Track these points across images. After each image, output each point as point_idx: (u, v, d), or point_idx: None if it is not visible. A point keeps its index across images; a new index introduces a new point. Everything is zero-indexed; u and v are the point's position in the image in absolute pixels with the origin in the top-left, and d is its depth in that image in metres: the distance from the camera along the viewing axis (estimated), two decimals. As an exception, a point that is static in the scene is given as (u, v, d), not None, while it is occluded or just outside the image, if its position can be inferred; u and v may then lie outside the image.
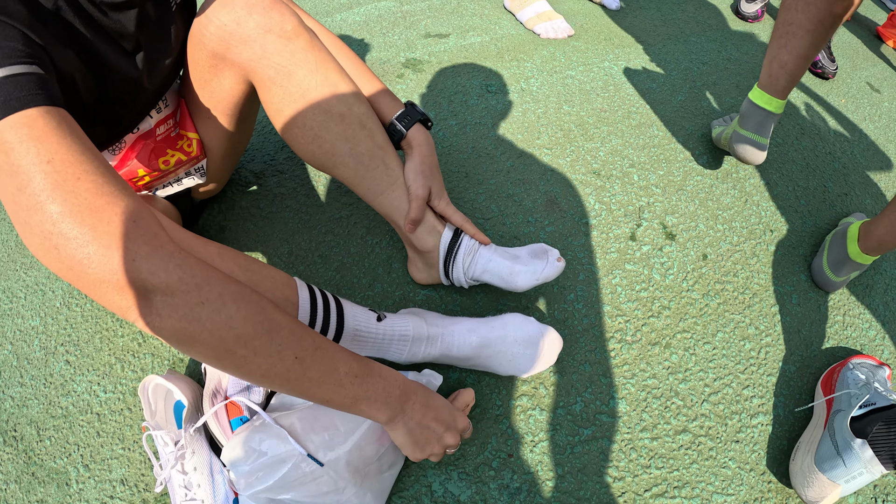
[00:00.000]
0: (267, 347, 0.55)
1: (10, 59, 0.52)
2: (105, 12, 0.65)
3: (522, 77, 1.46)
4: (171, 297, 0.51)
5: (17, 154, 0.50)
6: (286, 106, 0.78)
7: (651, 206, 1.12)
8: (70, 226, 0.50)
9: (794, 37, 0.94)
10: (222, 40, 0.74)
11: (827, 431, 0.78)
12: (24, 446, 0.96)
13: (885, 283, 1.10)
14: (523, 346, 0.79)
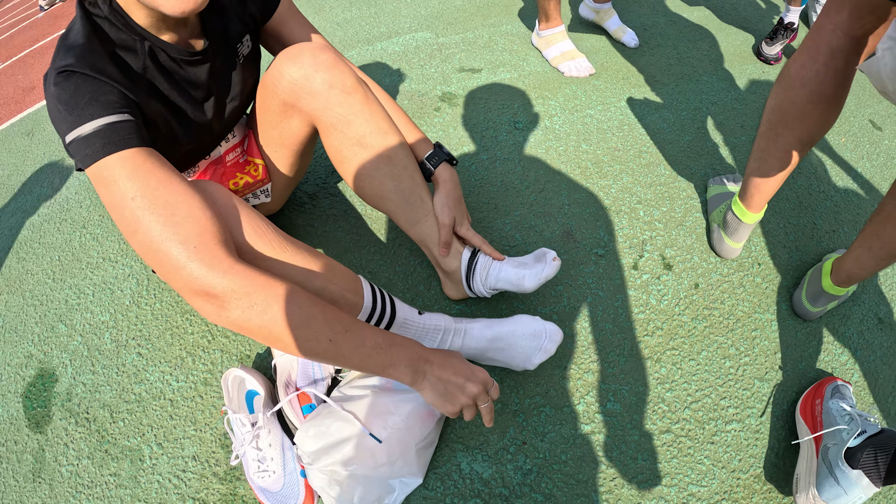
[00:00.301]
0: (305, 335, 0.74)
1: (109, 110, 0.72)
2: (182, 66, 0.86)
3: (547, 115, 1.65)
4: (228, 303, 0.72)
5: (121, 185, 0.71)
6: (345, 149, 0.99)
7: (653, 240, 1.31)
8: (163, 245, 0.71)
9: (765, 162, 1.09)
10: (293, 92, 0.95)
11: (824, 464, 0.92)
12: (97, 427, 1.17)
13: (861, 314, 1.26)
14: (529, 339, 0.97)
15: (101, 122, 0.71)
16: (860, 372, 1.18)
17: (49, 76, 0.74)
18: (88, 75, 0.73)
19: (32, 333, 1.42)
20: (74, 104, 0.71)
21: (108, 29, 0.79)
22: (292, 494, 0.92)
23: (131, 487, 1.05)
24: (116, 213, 0.73)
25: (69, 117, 0.71)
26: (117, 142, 0.72)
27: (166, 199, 0.72)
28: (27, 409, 1.25)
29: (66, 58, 0.73)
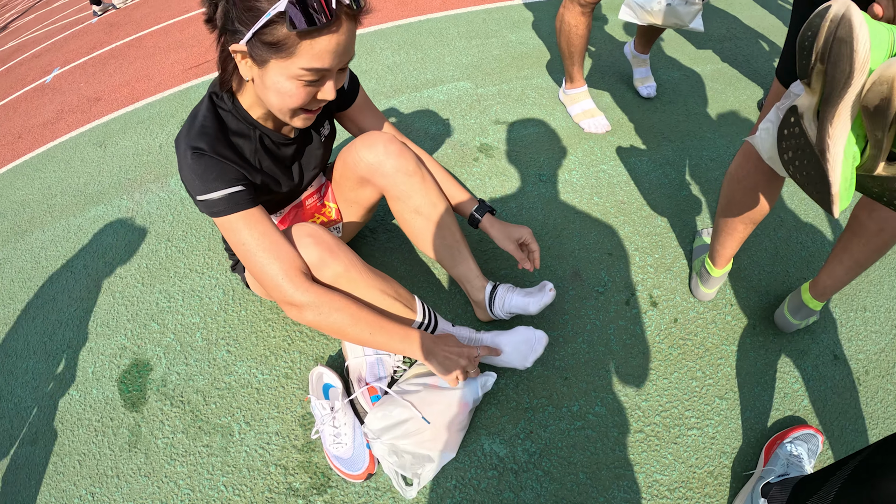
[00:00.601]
0: (356, 331, 1.18)
1: (232, 183, 1.14)
2: (279, 147, 1.30)
3: (566, 169, 2.07)
4: (304, 309, 1.15)
5: (241, 233, 1.14)
6: (405, 214, 1.42)
7: (644, 281, 1.72)
8: (268, 273, 1.14)
9: (722, 233, 1.47)
10: (368, 172, 1.38)
11: (751, 493, 1.27)
12: (191, 408, 1.60)
13: (818, 351, 1.62)
14: (523, 344, 1.41)
15: (225, 192, 1.12)
16: (810, 399, 1.53)
17: (182, 147, 1.11)
18: (215, 158, 1.12)
19: (125, 329, 1.84)
20: (205, 177, 1.11)
21: (229, 120, 1.19)
22: (360, 460, 1.33)
23: (222, 456, 1.46)
24: (238, 249, 1.15)
25: (201, 185, 1.11)
26: (236, 205, 1.14)
27: (268, 244, 1.14)
28: (122, 392, 1.66)
29: (199, 141, 1.12)
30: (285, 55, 0.97)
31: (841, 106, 0.70)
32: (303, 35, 0.95)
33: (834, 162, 0.73)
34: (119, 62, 4.22)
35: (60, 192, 2.70)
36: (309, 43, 0.96)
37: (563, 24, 2.11)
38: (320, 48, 0.98)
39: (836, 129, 0.72)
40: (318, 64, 1.00)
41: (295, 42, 0.96)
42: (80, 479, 1.49)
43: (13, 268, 2.28)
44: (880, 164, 0.71)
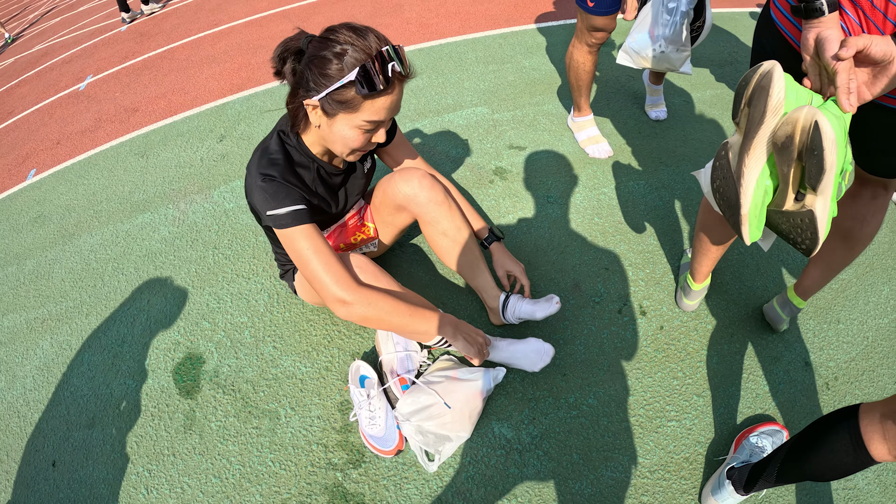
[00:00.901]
0: (395, 320, 1.51)
1: (297, 202, 1.44)
2: (331, 177, 1.63)
3: (571, 191, 2.41)
4: (353, 305, 1.46)
5: (300, 243, 1.45)
6: (435, 235, 1.75)
7: (635, 293, 2.04)
8: (321, 277, 1.46)
9: (698, 252, 1.78)
10: (405, 201, 1.72)
11: (719, 475, 1.57)
12: (242, 395, 1.92)
13: (790, 357, 1.91)
14: (534, 353, 1.73)
15: (290, 209, 1.44)
16: (780, 400, 1.81)
17: (254, 173, 1.43)
18: (283, 183, 1.45)
19: (178, 326, 2.17)
20: (276, 197, 1.42)
21: (294, 154, 1.53)
22: (391, 438, 1.66)
23: (270, 436, 1.78)
24: (296, 256, 1.47)
25: (272, 202, 1.42)
26: (298, 220, 1.45)
27: (322, 253, 1.45)
28: (177, 381, 1.98)
29: (269, 169, 1.44)
30: (351, 111, 1.31)
31: (756, 140, 0.98)
32: (366, 97, 1.28)
33: (747, 186, 1.00)
34: (153, 73, 4.57)
35: (106, 198, 3.03)
36: (371, 102, 1.29)
37: (572, 61, 2.45)
38: (379, 106, 1.31)
39: (751, 159, 0.99)
40: (377, 118, 1.33)
41: (360, 101, 1.29)
42: (138, 458, 1.78)
43: (63, 268, 2.61)
44: (788, 199, 0.98)
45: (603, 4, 2.14)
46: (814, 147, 0.89)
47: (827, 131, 0.87)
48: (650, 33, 2.15)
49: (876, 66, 0.92)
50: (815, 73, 1.02)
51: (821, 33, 0.96)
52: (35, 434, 1.93)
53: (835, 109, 0.95)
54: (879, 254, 2.25)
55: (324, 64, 1.26)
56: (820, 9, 0.96)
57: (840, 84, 0.94)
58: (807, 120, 0.89)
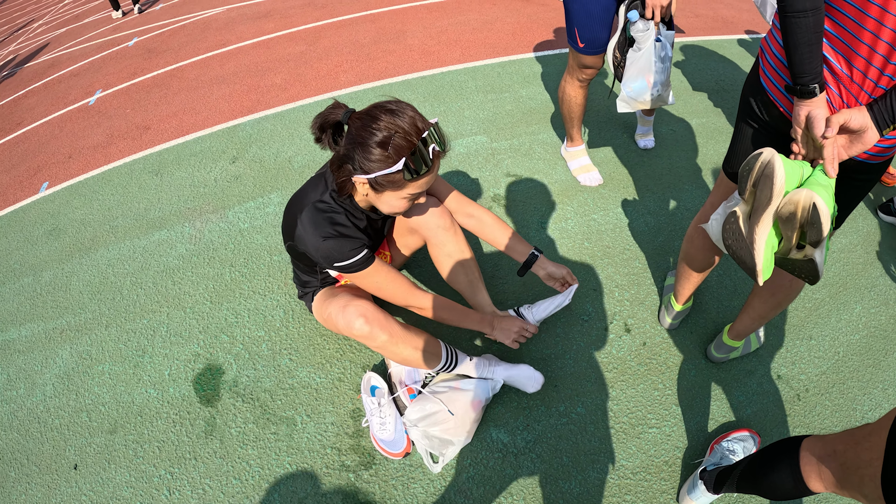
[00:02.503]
0: (444, 314, 1.82)
1: (361, 249, 1.67)
2: (375, 222, 1.84)
3: (563, 218, 2.65)
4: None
5: (376, 278, 1.71)
6: (441, 256, 1.99)
7: (621, 312, 2.28)
8: (406, 300, 1.79)
9: (681, 276, 2.02)
10: (417, 225, 1.95)
11: (694, 476, 1.78)
12: (260, 403, 2.09)
13: (763, 371, 2.12)
14: (526, 379, 1.97)
15: (359, 256, 1.63)
16: (753, 409, 2.01)
17: (310, 229, 1.57)
18: (344, 237, 1.63)
19: (197, 339, 2.36)
20: (342, 251, 1.60)
21: (348, 207, 1.72)
22: (400, 442, 1.89)
23: (287, 441, 1.97)
24: (373, 289, 1.74)
25: (338, 255, 1.60)
26: (367, 262, 1.67)
27: (393, 278, 1.72)
28: (197, 391, 2.16)
29: (329, 228, 1.61)
30: (397, 188, 1.50)
31: (764, 216, 1.23)
32: (411, 179, 1.48)
33: (759, 249, 1.25)
34: (163, 92, 4.79)
35: (121, 214, 3.22)
36: (415, 182, 1.49)
37: (565, 95, 2.69)
38: (423, 182, 1.50)
39: (761, 229, 1.24)
40: (419, 191, 1.54)
41: (405, 183, 1.48)
42: (160, 461, 1.96)
43: (80, 281, 2.80)
44: (792, 250, 1.24)
45: (593, 45, 2.39)
46: (813, 221, 1.13)
47: (823, 209, 1.12)
48: (646, 81, 2.38)
49: (853, 134, 1.17)
50: (804, 142, 1.27)
51: (811, 112, 1.20)
52: (56, 439, 2.09)
53: (822, 178, 1.20)
54: (853, 274, 2.47)
55: (370, 149, 1.42)
56: (813, 91, 1.19)
57: (826, 156, 1.20)
58: (807, 201, 1.13)
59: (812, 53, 1.16)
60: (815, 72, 1.17)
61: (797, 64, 1.18)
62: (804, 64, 1.17)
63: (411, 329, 1.83)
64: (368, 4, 5.93)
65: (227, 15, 6.60)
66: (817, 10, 1.12)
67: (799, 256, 1.22)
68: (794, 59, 1.18)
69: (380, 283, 1.72)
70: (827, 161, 1.20)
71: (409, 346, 1.79)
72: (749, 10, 5.14)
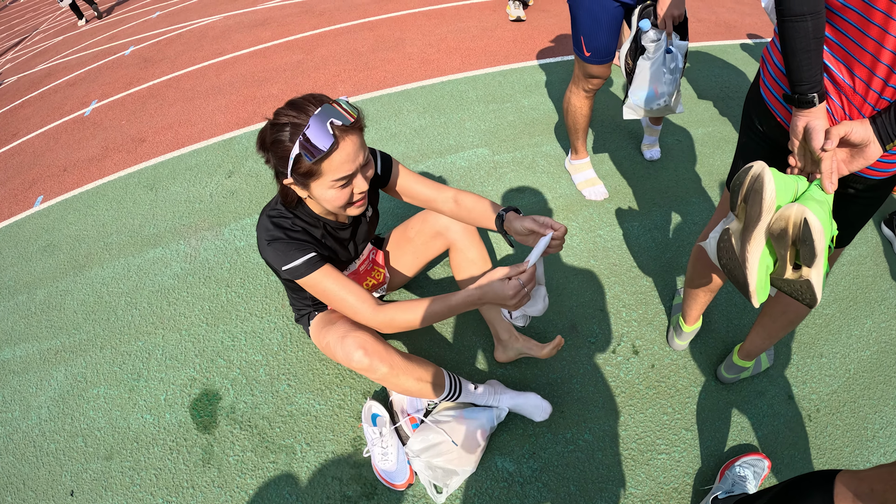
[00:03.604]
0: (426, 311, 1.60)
1: (307, 251, 1.60)
2: (337, 232, 1.80)
3: (568, 234, 2.60)
4: (384, 325, 1.62)
5: (324, 283, 1.63)
6: (463, 262, 1.98)
7: (628, 333, 2.24)
8: (351, 305, 1.61)
9: (689, 296, 1.99)
10: (443, 229, 1.95)
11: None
12: (258, 431, 2.06)
13: (774, 392, 2.10)
14: (534, 408, 1.93)
15: (303, 259, 1.58)
16: (764, 431, 1.99)
17: (263, 241, 1.56)
18: (290, 240, 1.59)
19: (193, 363, 2.32)
20: (286, 253, 1.56)
21: (301, 214, 1.68)
22: (402, 473, 1.85)
23: (287, 470, 1.94)
24: (322, 295, 1.63)
25: (284, 259, 1.57)
26: (314, 266, 1.61)
27: (345, 286, 1.62)
28: (194, 417, 2.13)
29: (276, 231, 1.58)
30: (316, 177, 1.44)
31: (755, 232, 1.18)
32: (319, 161, 1.37)
33: (751, 268, 1.21)
34: (158, 102, 4.77)
35: (116, 231, 3.19)
36: (327, 163, 1.38)
37: (570, 106, 2.66)
38: (337, 163, 1.39)
39: (753, 246, 1.19)
40: (341, 174, 1.44)
41: (317, 167, 1.39)
42: (157, 489, 1.93)
43: (74, 300, 2.77)
44: (787, 270, 1.18)
45: (599, 54, 2.36)
46: (805, 238, 1.08)
47: (815, 225, 1.06)
48: (654, 90, 2.36)
49: (854, 148, 1.12)
50: (801, 155, 1.22)
51: (809, 123, 1.15)
52: (52, 464, 2.07)
53: (818, 193, 1.15)
54: (863, 288, 2.44)
55: (278, 147, 1.40)
56: (812, 101, 1.14)
57: (824, 170, 1.14)
58: (797, 217, 1.08)
59: (811, 60, 1.11)
60: (813, 80, 1.13)
61: (795, 71, 1.13)
62: (802, 71, 1.13)
63: (413, 359, 1.79)
64: (366, 12, 5.91)
65: (223, 23, 6.59)
66: (817, 14, 1.08)
67: (794, 277, 1.17)
68: (792, 66, 1.14)
69: (329, 291, 1.60)
70: (825, 175, 1.14)
71: (412, 377, 1.75)
72: (751, 14, 5.12)
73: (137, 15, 8.38)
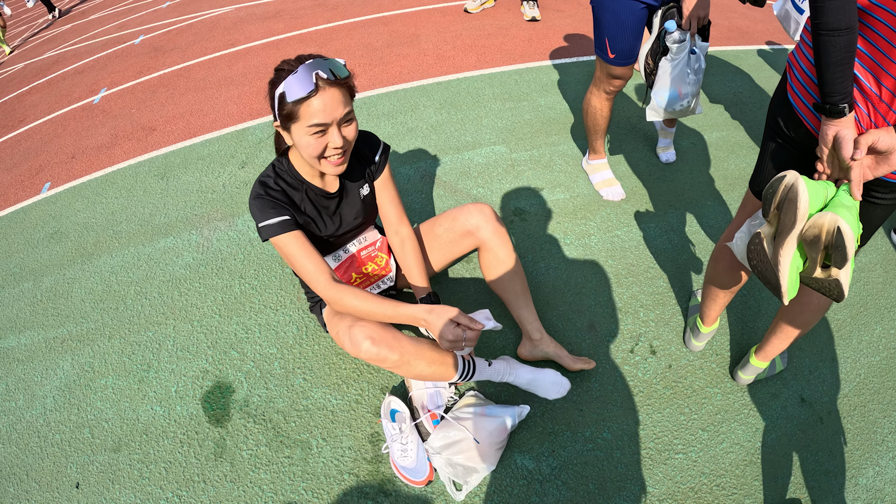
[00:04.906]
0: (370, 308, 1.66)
1: (281, 213, 1.65)
2: (321, 200, 1.81)
3: (586, 234, 2.62)
4: (334, 301, 1.66)
5: (291, 247, 1.68)
6: (493, 261, 2.00)
7: (646, 334, 2.25)
8: (311, 273, 1.69)
9: (707, 298, 2.00)
10: (473, 228, 1.96)
11: None
12: (273, 425, 2.03)
13: (787, 394, 2.10)
14: (551, 384, 1.95)
15: (276, 219, 1.64)
16: (777, 433, 1.99)
17: (251, 194, 1.66)
18: (270, 199, 1.66)
19: (206, 355, 2.30)
20: (263, 210, 1.63)
21: (285, 176, 1.73)
22: (422, 469, 1.85)
23: (302, 465, 1.92)
24: (289, 260, 1.69)
25: (261, 215, 1.63)
26: (285, 228, 1.65)
27: (308, 255, 1.67)
28: (206, 410, 2.11)
29: (260, 189, 1.66)
30: (295, 120, 1.50)
31: (788, 238, 1.22)
32: (298, 103, 1.47)
33: (783, 271, 1.25)
34: (169, 92, 4.75)
35: (125, 219, 3.18)
36: (305, 107, 1.48)
37: (590, 107, 2.66)
38: (314, 109, 1.48)
39: (785, 250, 1.23)
40: (317, 120, 1.49)
41: (297, 109, 1.48)
42: (167, 483, 1.91)
43: (82, 288, 2.75)
44: (817, 270, 1.23)
45: (623, 56, 2.36)
46: (838, 245, 1.13)
47: (848, 233, 1.11)
48: (678, 91, 2.36)
49: (880, 155, 1.15)
50: (829, 162, 1.25)
51: (839, 132, 1.17)
52: (57, 455, 2.04)
53: (846, 199, 1.20)
54: (873, 294, 2.46)
55: (272, 88, 1.53)
56: (843, 111, 1.16)
57: (854, 178, 1.18)
58: (831, 225, 1.13)
59: (844, 73, 1.13)
60: (845, 91, 1.15)
61: (828, 83, 1.16)
62: (835, 83, 1.15)
63: (422, 343, 1.78)
64: (380, 6, 5.89)
65: (235, 14, 6.56)
66: (852, 28, 1.10)
67: (824, 276, 1.22)
68: (826, 78, 1.16)
69: (293, 256, 1.69)
70: (854, 183, 1.19)
71: (423, 360, 1.75)
72: (764, 21, 5.13)
73: (147, 4, 8.34)
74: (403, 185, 3.11)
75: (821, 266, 1.22)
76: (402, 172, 3.23)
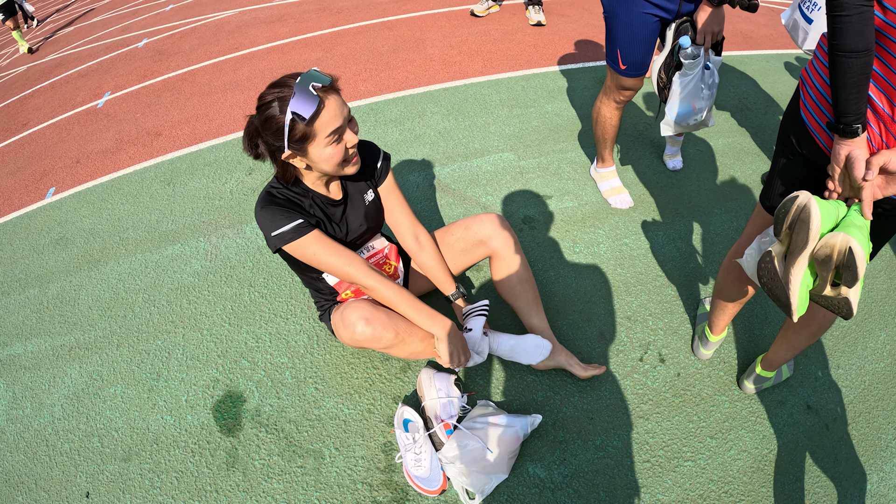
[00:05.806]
0: (401, 304, 1.80)
1: (294, 218, 1.67)
2: (327, 207, 1.83)
3: (595, 242, 2.66)
4: (371, 290, 1.75)
5: (312, 248, 1.72)
6: (505, 271, 2.05)
7: (654, 342, 2.29)
8: (341, 270, 1.76)
9: (716, 308, 2.03)
10: (486, 238, 2.01)
11: None
12: (285, 435, 2.03)
13: (794, 401, 2.13)
14: (532, 349, 2.03)
15: (290, 224, 1.66)
16: (784, 440, 2.02)
17: (257, 209, 1.67)
18: (279, 207, 1.66)
19: (216, 364, 2.31)
20: (274, 219, 1.63)
21: (291, 186, 1.74)
22: (435, 479, 1.88)
23: (315, 475, 1.94)
24: (311, 261, 1.72)
25: (272, 224, 1.64)
26: (301, 231, 1.68)
27: (334, 250, 1.72)
28: (217, 419, 2.12)
29: (266, 200, 1.67)
30: (312, 138, 1.53)
31: (800, 258, 1.26)
32: (311, 122, 1.50)
33: (794, 289, 1.28)
34: (174, 96, 4.78)
35: (132, 225, 3.19)
36: (318, 122, 1.51)
37: (599, 116, 2.70)
38: (326, 118, 1.52)
39: (796, 269, 1.27)
40: (333, 127, 1.53)
41: (311, 128, 1.51)
42: (179, 493, 1.93)
43: (89, 295, 2.77)
44: (827, 288, 1.26)
45: (635, 67, 2.40)
46: (849, 265, 1.16)
47: (859, 253, 1.14)
48: (692, 106, 2.40)
49: (890, 175, 1.18)
50: (841, 181, 1.28)
51: (852, 152, 1.20)
52: (66, 464, 2.06)
53: (857, 219, 1.23)
54: (878, 301, 2.50)
55: (270, 123, 1.52)
56: (856, 132, 1.19)
57: (865, 198, 1.21)
58: (843, 246, 1.16)
59: (860, 94, 1.16)
60: (860, 112, 1.18)
61: (843, 104, 1.18)
62: (850, 104, 1.18)
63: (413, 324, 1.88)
64: (385, 11, 5.92)
65: (239, 18, 6.59)
66: (869, 51, 1.13)
67: (833, 294, 1.25)
68: (841, 99, 1.18)
69: (319, 256, 1.73)
70: (865, 203, 1.22)
71: (416, 337, 1.85)
72: (767, 26, 5.17)
73: (150, 7, 8.37)
74: (412, 193, 3.14)
75: (831, 284, 1.25)
76: (410, 180, 3.26)
